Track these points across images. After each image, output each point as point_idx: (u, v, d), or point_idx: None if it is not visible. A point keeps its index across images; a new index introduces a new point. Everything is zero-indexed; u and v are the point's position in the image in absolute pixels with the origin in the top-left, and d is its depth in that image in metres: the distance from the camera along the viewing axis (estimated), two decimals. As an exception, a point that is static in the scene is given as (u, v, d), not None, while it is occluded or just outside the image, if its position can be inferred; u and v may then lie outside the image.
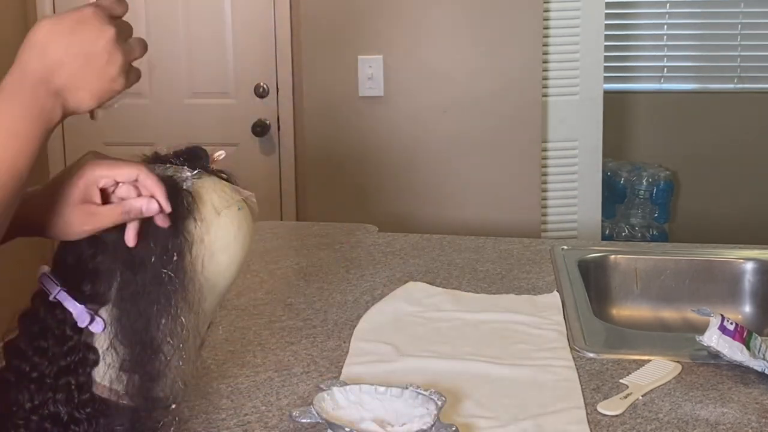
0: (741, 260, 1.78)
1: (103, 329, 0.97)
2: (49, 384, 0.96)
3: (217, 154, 1.03)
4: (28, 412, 0.96)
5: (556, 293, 1.59)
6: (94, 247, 0.96)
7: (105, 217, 0.91)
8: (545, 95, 2.92)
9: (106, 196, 0.93)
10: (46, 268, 0.98)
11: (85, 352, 0.97)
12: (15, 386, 0.97)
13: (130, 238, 0.93)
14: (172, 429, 1.01)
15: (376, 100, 2.89)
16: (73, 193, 0.90)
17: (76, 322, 0.96)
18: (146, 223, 0.94)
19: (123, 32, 0.88)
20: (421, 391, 1.09)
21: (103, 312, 0.97)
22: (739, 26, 4.19)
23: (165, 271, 0.94)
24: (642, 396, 1.19)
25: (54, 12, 3.06)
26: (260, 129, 2.98)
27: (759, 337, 1.29)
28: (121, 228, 0.93)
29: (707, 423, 1.11)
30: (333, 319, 1.48)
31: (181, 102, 3.03)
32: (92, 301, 0.96)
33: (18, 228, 0.88)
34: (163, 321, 0.98)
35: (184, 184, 0.99)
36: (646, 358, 1.31)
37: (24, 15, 3.07)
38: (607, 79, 3.18)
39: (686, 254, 1.82)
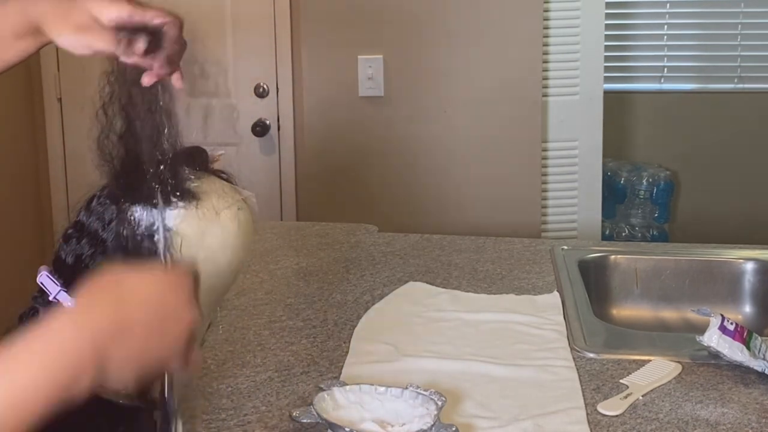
0: (741, 260, 1.78)
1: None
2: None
3: (217, 154, 1.03)
4: None
5: (556, 293, 1.59)
6: (94, 247, 0.96)
7: (100, 35, 0.92)
8: (545, 95, 2.92)
9: None
10: (46, 268, 0.98)
11: (85, 352, 0.97)
12: None
13: (146, 79, 0.94)
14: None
15: (376, 100, 2.89)
16: None
17: (76, 322, 0.96)
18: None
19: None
20: (421, 391, 1.09)
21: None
22: (739, 26, 4.19)
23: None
24: (642, 396, 1.19)
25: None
26: (260, 129, 2.97)
27: (759, 337, 1.30)
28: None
29: (707, 423, 1.11)
30: (333, 319, 1.48)
31: (180, 102, 3.03)
32: (92, 301, 0.96)
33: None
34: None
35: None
36: (646, 358, 1.31)
37: (24, 15, 3.07)
38: (607, 79, 3.17)
39: (686, 254, 1.82)
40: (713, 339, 1.26)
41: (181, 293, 0.78)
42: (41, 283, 0.97)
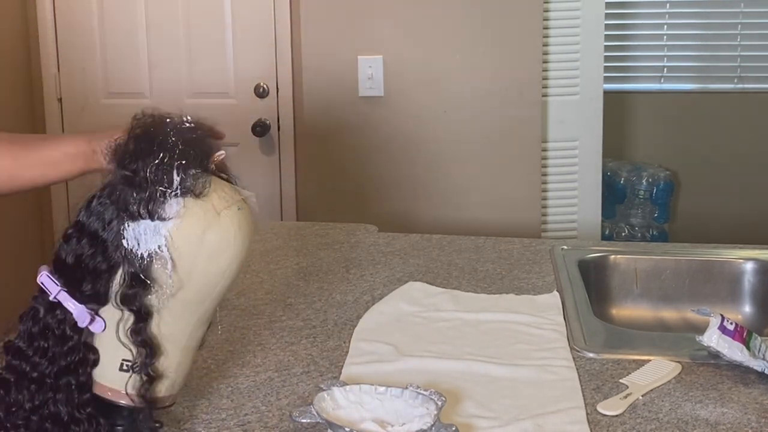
0: (741, 260, 1.78)
1: (104, 329, 0.97)
2: (49, 384, 0.96)
3: (217, 154, 1.03)
4: (28, 412, 0.96)
5: (556, 293, 1.59)
6: (94, 247, 0.96)
7: None
8: (545, 95, 2.92)
9: None
10: (46, 268, 0.98)
11: (85, 352, 0.97)
12: (15, 386, 0.97)
13: None
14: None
15: (376, 100, 2.89)
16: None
17: (76, 322, 0.96)
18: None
19: None
20: (421, 391, 1.09)
21: (103, 312, 0.97)
22: (739, 26, 4.19)
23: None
24: (642, 396, 1.19)
25: (54, 13, 3.06)
26: (260, 129, 2.98)
27: (759, 337, 1.30)
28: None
29: (707, 423, 1.11)
30: (333, 319, 1.48)
31: (181, 102, 3.04)
32: (92, 301, 0.96)
33: None
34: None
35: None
36: (646, 358, 1.31)
37: (24, 15, 3.07)
38: (607, 79, 3.18)
39: (686, 254, 1.82)
40: (713, 339, 1.26)
41: None
42: (41, 283, 0.97)
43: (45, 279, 0.97)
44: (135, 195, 0.95)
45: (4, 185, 1.23)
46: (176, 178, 0.95)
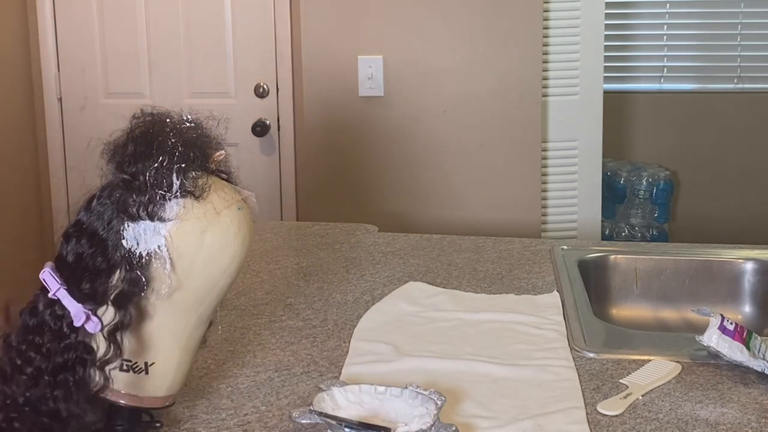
0: (741, 260, 1.78)
1: (100, 329, 0.96)
2: (46, 380, 0.96)
3: (217, 154, 1.03)
4: (22, 405, 0.95)
5: (556, 293, 1.59)
6: (94, 247, 0.96)
7: None
8: (545, 95, 2.92)
9: None
10: (50, 265, 0.98)
11: (81, 351, 0.97)
12: (10, 379, 0.96)
13: None
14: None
15: (376, 100, 2.89)
16: None
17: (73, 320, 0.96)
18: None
19: None
20: (421, 391, 1.09)
21: (101, 312, 0.97)
22: (739, 26, 4.19)
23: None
24: (642, 396, 1.19)
25: (54, 13, 3.05)
26: (260, 129, 2.98)
27: (759, 337, 1.30)
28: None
29: (707, 423, 1.11)
30: (333, 319, 1.48)
31: (181, 102, 3.04)
32: (90, 300, 0.96)
33: None
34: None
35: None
36: (646, 358, 1.31)
37: (24, 15, 3.07)
38: (607, 79, 3.17)
39: (686, 254, 1.82)
40: (713, 339, 1.26)
41: None
42: (43, 279, 0.97)
43: (47, 276, 0.97)
44: (134, 198, 0.95)
45: None
46: (176, 182, 0.95)
